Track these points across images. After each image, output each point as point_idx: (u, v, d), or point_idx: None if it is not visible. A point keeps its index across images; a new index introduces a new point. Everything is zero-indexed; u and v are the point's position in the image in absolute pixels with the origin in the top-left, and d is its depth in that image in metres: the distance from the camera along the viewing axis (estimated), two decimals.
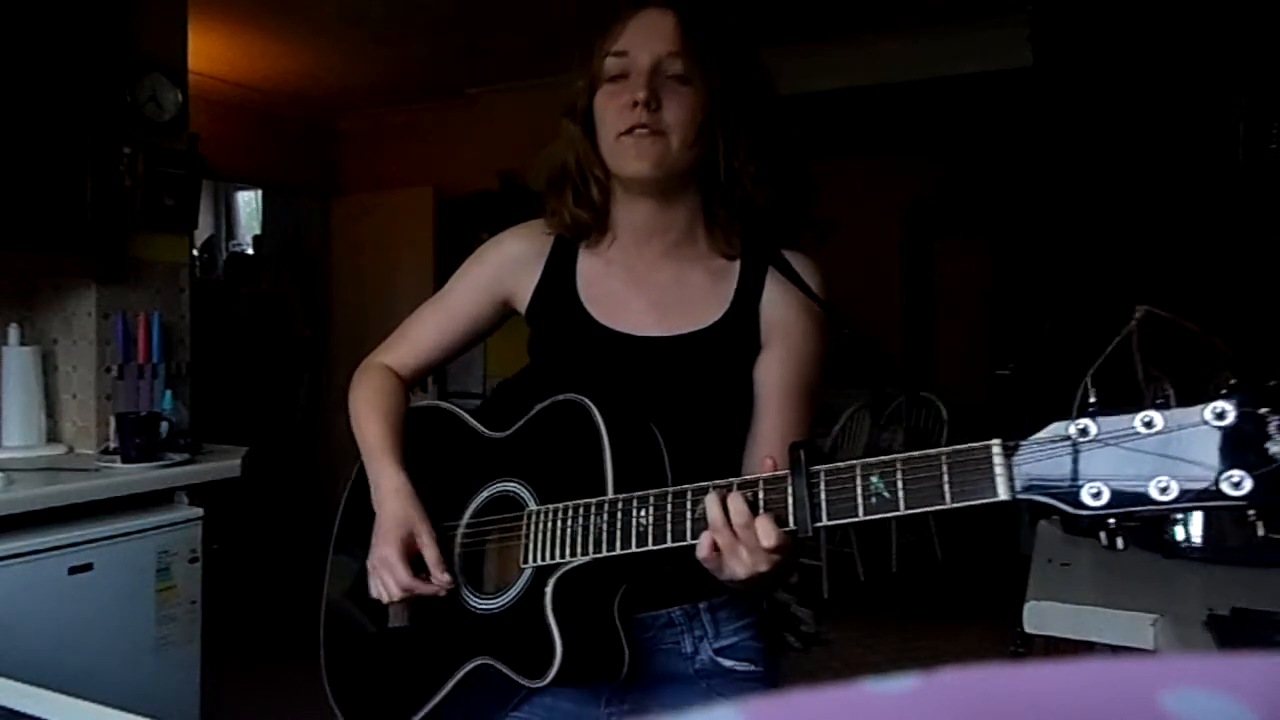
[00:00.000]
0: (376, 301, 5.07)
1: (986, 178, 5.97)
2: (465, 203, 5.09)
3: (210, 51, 4.31)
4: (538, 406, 1.04)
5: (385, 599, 1.07)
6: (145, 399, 2.56)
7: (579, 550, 0.94)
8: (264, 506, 4.27)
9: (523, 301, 1.15)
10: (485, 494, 1.08)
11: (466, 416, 1.16)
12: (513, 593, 1.00)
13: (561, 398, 1.01)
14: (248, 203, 7.27)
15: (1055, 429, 0.70)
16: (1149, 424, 0.67)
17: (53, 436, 2.59)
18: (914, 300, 6.78)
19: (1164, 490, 0.66)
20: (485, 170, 5.00)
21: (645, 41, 1.03)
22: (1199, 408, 0.65)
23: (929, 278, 6.78)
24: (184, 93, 2.74)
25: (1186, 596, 1.34)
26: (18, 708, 0.96)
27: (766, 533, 0.84)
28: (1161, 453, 0.66)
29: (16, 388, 2.48)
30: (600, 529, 0.93)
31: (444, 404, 1.22)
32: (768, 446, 1.02)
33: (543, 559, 0.97)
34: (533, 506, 1.01)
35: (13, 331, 2.50)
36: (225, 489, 2.43)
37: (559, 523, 0.96)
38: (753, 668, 1.08)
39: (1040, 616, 1.29)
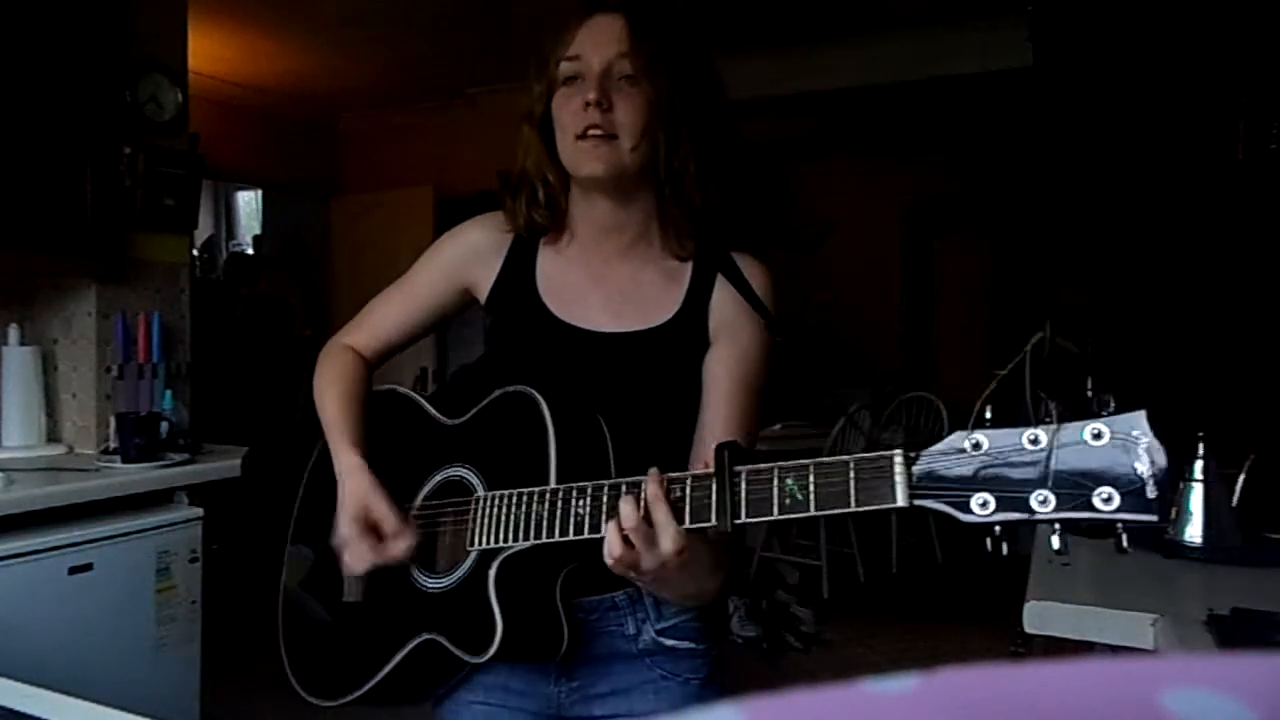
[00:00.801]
0: None
1: (986, 177, 5.97)
2: (465, 203, 5.05)
3: (210, 51, 4.31)
4: (489, 396, 1.09)
5: (353, 572, 1.11)
6: (145, 399, 2.56)
7: (521, 535, 0.98)
8: (264, 506, 4.26)
9: (483, 291, 1.19)
10: (438, 478, 1.12)
11: (423, 402, 1.21)
12: (459, 573, 1.05)
13: (512, 389, 1.06)
14: (248, 203, 7.27)
15: (952, 441, 0.76)
16: (1034, 441, 0.73)
17: (53, 436, 2.59)
18: (914, 300, 6.78)
19: (1043, 502, 0.72)
20: (485, 170, 4.97)
21: (596, 45, 1.07)
22: (1079, 426, 0.71)
23: (929, 278, 6.78)
24: (184, 93, 2.74)
25: (1186, 596, 1.34)
26: (18, 708, 0.96)
27: (672, 531, 0.88)
28: (1043, 467, 0.72)
29: (16, 388, 2.48)
30: (541, 516, 0.97)
31: (400, 388, 1.26)
32: (712, 438, 1.05)
33: (488, 542, 1.01)
34: (481, 492, 1.05)
35: (13, 331, 2.50)
36: (225, 489, 2.43)
37: (504, 509, 1.01)
38: (693, 645, 1.13)
39: (1040, 616, 1.29)
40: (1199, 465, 1.58)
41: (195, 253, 5.20)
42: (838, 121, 5.58)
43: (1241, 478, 1.62)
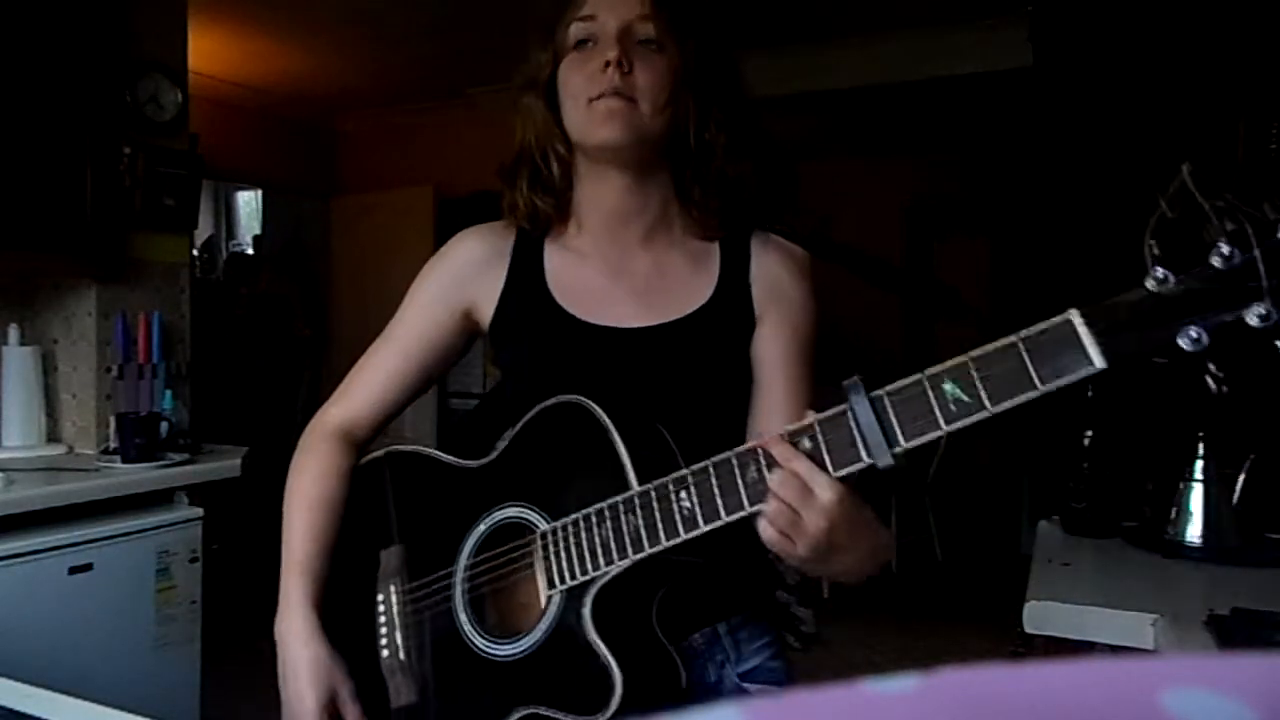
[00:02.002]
0: (376, 301, 5.04)
1: (987, 177, 5.97)
2: (465, 203, 5.08)
3: (210, 51, 4.31)
4: (524, 418, 0.95)
5: None
6: (145, 399, 2.56)
7: (614, 556, 0.84)
8: (264, 506, 4.27)
9: (486, 309, 1.05)
10: (483, 528, 0.96)
11: (434, 453, 1.04)
12: (542, 627, 0.89)
13: (550, 403, 0.92)
14: (248, 203, 7.27)
15: (1130, 290, 0.66)
16: (1227, 257, 0.63)
17: (53, 436, 2.59)
18: (914, 300, 6.78)
19: (1265, 318, 0.62)
20: (485, 170, 4.94)
21: (612, 5, 0.98)
22: (1273, 223, 0.62)
23: (929, 278, 6.78)
24: (184, 93, 2.74)
25: (1186, 596, 1.34)
26: (18, 708, 0.96)
27: (824, 479, 0.76)
28: (1252, 280, 0.62)
29: (16, 388, 2.48)
30: (636, 526, 0.82)
31: (400, 446, 1.08)
32: (780, 416, 0.95)
33: (572, 578, 0.87)
34: (544, 526, 0.90)
35: (13, 331, 2.50)
36: (225, 489, 2.43)
37: (582, 534, 0.86)
38: (779, 688, 1.01)
39: (1040, 616, 1.29)
40: (1199, 465, 1.58)
41: (195, 253, 5.20)
42: (838, 121, 5.58)
43: (1241, 478, 1.62)
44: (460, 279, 1.07)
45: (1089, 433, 1.75)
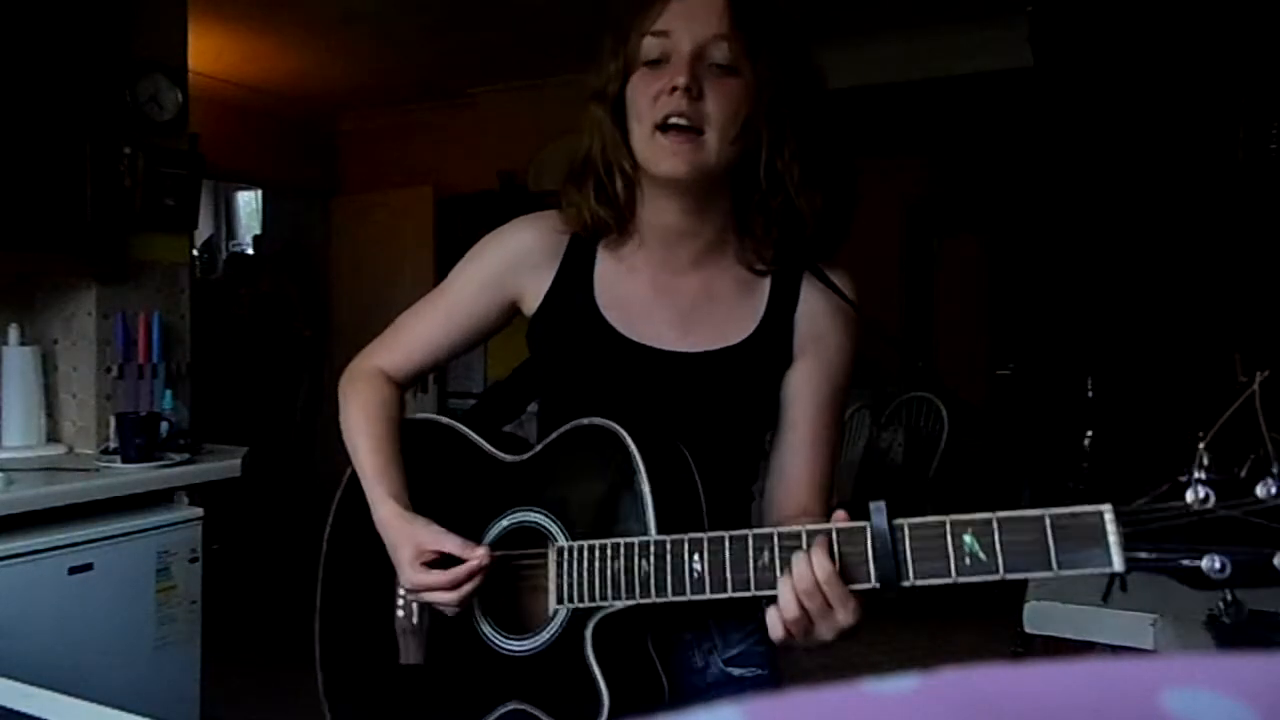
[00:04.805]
0: (376, 301, 5.06)
1: (987, 178, 5.97)
2: (465, 203, 5.09)
3: (210, 51, 4.30)
4: (560, 430, 0.96)
5: (450, 612, 0.98)
6: (145, 399, 2.56)
7: (623, 593, 0.87)
8: (264, 506, 4.28)
9: (532, 302, 1.06)
10: (505, 523, 0.99)
11: (470, 433, 1.07)
12: (546, 634, 0.93)
13: (586, 422, 0.93)
14: (248, 203, 7.28)
15: (1169, 494, 0.66)
16: (1275, 493, 0.63)
17: (53, 436, 2.59)
18: (914, 300, 6.78)
19: None
20: (485, 170, 5.00)
21: (689, 23, 0.93)
22: None
23: (929, 277, 6.78)
24: (184, 93, 2.74)
25: (1186, 596, 1.34)
26: (18, 708, 0.96)
27: (853, 605, 0.79)
28: None
29: (16, 388, 2.48)
30: (647, 573, 0.85)
31: (443, 419, 1.12)
32: (802, 456, 0.99)
33: (580, 600, 0.89)
34: (562, 542, 0.93)
35: (13, 331, 2.50)
36: (225, 489, 2.43)
37: (597, 562, 0.88)
38: (760, 672, 1.05)
39: (1040, 616, 1.29)
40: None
41: (195, 253, 5.20)
42: (838, 121, 5.58)
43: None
44: (512, 267, 1.07)
45: (1089, 433, 1.75)
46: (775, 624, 0.81)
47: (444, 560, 0.96)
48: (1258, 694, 0.20)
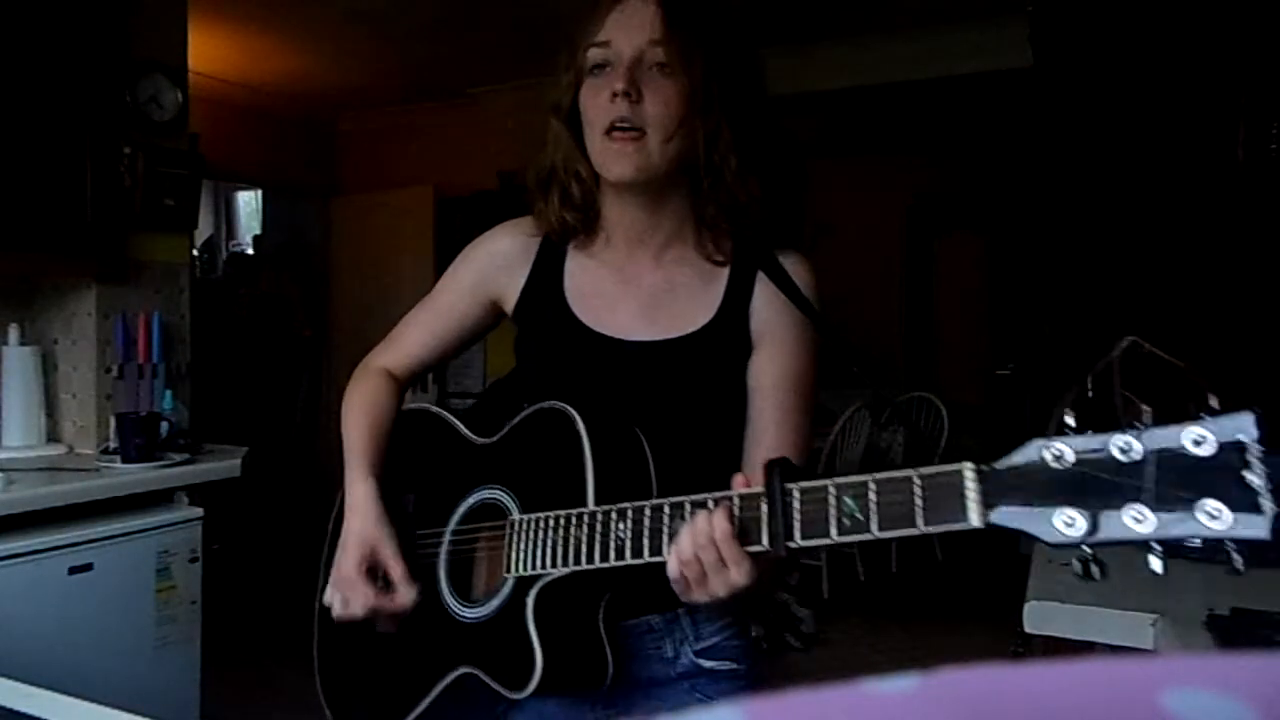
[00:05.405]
0: (376, 301, 5.07)
1: (987, 177, 5.97)
2: (465, 203, 5.09)
3: (210, 51, 4.31)
4: (522, 413, 1.04)
5: (344, 616, 1.05)
6: (145, 399, 2.56)
7: (559, 561, 0.93)
8: (264, 506, 4.28)
9: (510, 302, 1.13)
10: (471, 500, 1.07)
11: (454, 421, 1.15)
12: (495, 602, 1.00)
13: (544, 405, 1.00)
14: (248, 203, 7.28)
15: (1029, 452, 0.67)
16: (1125, 449, 0.63)
17: (53, 436, 2.59)
18: (914, 300, 6.78)
19: (1139, 520, 0.63)
20: (485, 170, 5.00)
21: (626, 31, 1.00)
22: (1177, 430, 0.62)
23: (929, 277, 6.78)
24: (184, 93, 2.74)
25: (1186, 596, 1.34)
26: (18, 708, 0.96)
27: (748, 566, 0.83)
28: (1137, 479, 0.63)
29: (16, 388, 2.48)
30: (580, 540, 0.92)
31: (433, 408, 1.20)
32: (766, 443, 1.02)
33: (524, 569, 0.96)
34: (515, 515, 1.00)
35: (13, 331, 2.50)
36: (225, 489, 2.43)
37: (540, 533, 0.96)
38: (734, 665, 1.08)
39: (1040, 616, 1.29)
40: None
41: (195, 253, 5.20)
42: (838, 121, 5.58)
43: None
44: (491, 270, 1.15)
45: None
46: (673, 564, 0.85)
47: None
48: (1258, 694, 0.20)
